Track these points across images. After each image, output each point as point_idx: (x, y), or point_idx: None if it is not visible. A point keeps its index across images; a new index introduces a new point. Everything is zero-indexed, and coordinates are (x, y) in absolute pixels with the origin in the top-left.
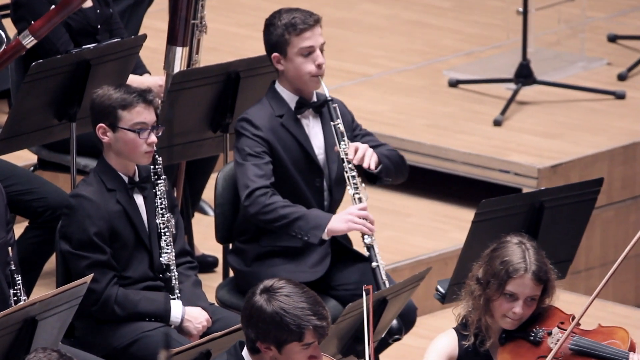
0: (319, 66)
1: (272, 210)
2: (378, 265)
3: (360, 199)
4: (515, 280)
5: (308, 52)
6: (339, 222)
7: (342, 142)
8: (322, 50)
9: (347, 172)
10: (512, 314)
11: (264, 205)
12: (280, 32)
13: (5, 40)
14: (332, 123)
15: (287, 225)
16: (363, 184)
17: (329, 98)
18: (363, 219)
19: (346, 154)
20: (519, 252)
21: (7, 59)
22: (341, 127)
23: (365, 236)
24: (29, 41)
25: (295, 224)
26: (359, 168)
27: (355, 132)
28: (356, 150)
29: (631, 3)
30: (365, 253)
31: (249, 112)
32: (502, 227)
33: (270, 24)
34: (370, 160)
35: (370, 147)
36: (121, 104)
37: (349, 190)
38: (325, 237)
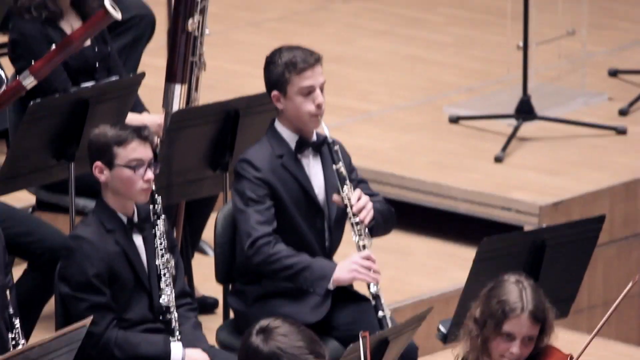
0: (319, 106)
1: (276, 260)
2: (384, 316)
3: (364, 246)
4: (512, 320)
5: (308, 92)
6: (344, 272)
7: (345, 186)
8: (322, 89)
9: (350, 219)
10: (509, 354)
11: (268, 255)
12: (280, 70)
13: (5, 80)
14: (334, 166)
15: (293, 276)
16: (367, 229)
17: (330, 140)
18: (367, 268)
19: (349, 199)
20: (516, 291)
21: (7, 100)
22: (343, 170)
23: (371, 285)
24: (29, 82)
25: (300, 275)
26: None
27: (351, 177)
28: (358, 199)
29: (632, 37)
30: (369, 295)
31: (248, 152)
32: (503, 266)
33: (270, 62)
34: (367, 215)
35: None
36: (116, 140)
37: (353, 237)
38: (331, 287)
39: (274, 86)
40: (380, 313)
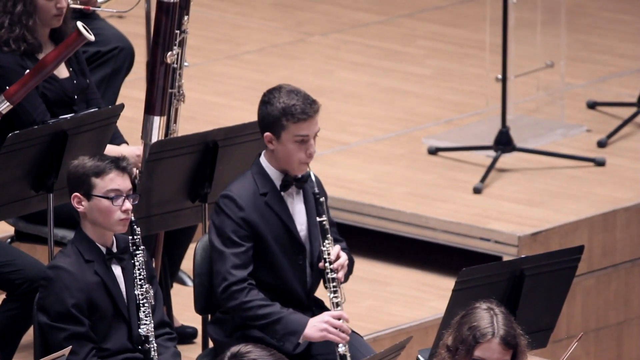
0: (310, 155)
1: (248, 308)
2: None
3: (337, 304)
4: (483, 345)
5: (302, 140)
6: (314, 330)
7: (327, 241)
8: (315, 137)
9: (328, 273)
10: None
11: (240, 302)
12: (277, 114)
13: None
14: (318, 219)
15: (264, 327)
16: (341, 285)
17: (316, 192)
18: (337, 327)
19: (329, 254)
20: (487, 317)
21: None
22: (326, 224)
23: (340, 345)
24: (4, 106)
25: (271, 327)
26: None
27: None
28: (337, 257)
29: (610, 70)
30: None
31: (232, 189)
32: (482, 296)
33: (267, 102)
34: (343, 272)
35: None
36: (94, 171)
37: (327, 293)
38: (301, 341)
39: (267, 127)
40: None
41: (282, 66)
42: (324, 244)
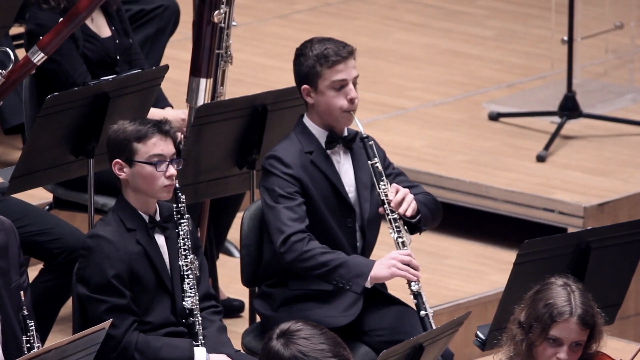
0: (352, 101)
1: (310, 257)
2: (427, 314)
3: (403, 243)
4: (560, 325)
5: (340, 86)
6: (382, 268)
7: (382, 182)
8: (355, 84)
9: (388, 215)
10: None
11: (301, 252)
12: (311, 63)
13: (13, 59)
14: (369, 162)
15: (328, 274)
16: (406, 227)
17: (364, 135)
18: (406, 264)
19: (386, 195)
20: (564, 294)
21: (16, 78)
22: (379, 166)
23: (412, 283)
24: (38, 57)
25: (336, 272)
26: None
27: (388, 172)
28: (396, 193)
29: None
30: (409, 300)
31: (277, 148)
32: (545, 269)
33: (301, 54)
34: (409, 207)
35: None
36: (136, 136)
37: (391, 234)
38: (369, 285)
39: (304, 79)
40: (422, 312)
41: (335, 26)
42: (379, 186)
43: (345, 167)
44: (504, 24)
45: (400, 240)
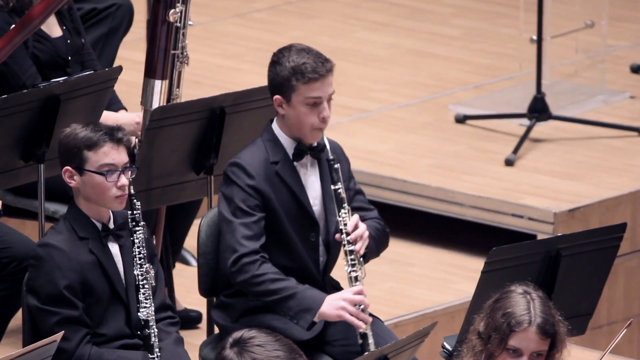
0: (324, 120)
1: (260, 282)
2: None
3: (356, 278)
4: (519, 334)
5: (314, 103)
6: (331, 309)
7: (343, 210)
8: (329, 100)
9: (344, 246)
10: None
11: (252, 276)
12: (286, 75)
13: None
14: (332, 187)
15: (276, 303)
16: (361, 259)
17: (331, 158)
18: (358, 303)
19: (345, 225)
20: (523, 302)
21: None
22: (342, 192)
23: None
24: None
25: (285, 303)
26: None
27: (348, 186)
28: (355, 227)
29: None
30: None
31: (241, 155)
32: (514, 278)
33: (277, 62)
34: (362, 245)
35: (359, 209)
36: (86, 144)
37: (345, 267)
38: (317, 320)
39: (277, 89)
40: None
41: (295, 26)
42: (340, 213)
43: (311, 179)
44: (470, 23)
45: (353, 274)
